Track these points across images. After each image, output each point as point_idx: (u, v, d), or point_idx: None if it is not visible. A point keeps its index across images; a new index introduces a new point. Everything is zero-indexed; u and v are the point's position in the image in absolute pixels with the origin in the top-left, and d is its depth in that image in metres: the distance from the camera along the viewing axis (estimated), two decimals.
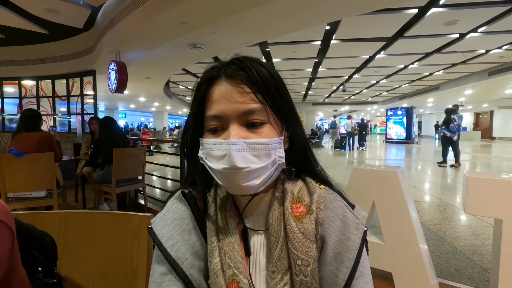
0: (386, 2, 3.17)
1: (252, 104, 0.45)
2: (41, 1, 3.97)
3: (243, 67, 0.46)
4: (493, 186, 1.33)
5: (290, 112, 0.49)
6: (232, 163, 0.42)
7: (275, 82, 0.47)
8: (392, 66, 8.54)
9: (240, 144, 0.43)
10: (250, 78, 0.45)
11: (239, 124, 0.45)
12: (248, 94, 0.45)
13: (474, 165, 7.63)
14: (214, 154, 0.45)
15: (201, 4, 3.04)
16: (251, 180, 0.44)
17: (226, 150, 0.43)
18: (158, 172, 5.90)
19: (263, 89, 0.45)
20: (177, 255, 0.44)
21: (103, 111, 18.68)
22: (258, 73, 0.46)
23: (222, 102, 0.45)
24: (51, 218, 0.76)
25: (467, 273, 2.00)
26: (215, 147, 0.45)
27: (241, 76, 0.46)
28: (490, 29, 5.26)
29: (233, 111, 0.45)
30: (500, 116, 18.12)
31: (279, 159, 0.46)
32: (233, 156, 0.42)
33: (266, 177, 0.45)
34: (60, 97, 6.58)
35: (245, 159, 0.43)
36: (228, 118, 0.45)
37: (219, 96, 0.46)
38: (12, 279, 0.44)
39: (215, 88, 0.47)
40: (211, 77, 0.48)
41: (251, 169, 0.43)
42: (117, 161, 2.93)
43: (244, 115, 0.45)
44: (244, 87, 0.45)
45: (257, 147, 0.44)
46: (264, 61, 0.49)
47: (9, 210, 0.43)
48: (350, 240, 0.45)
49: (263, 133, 0.45)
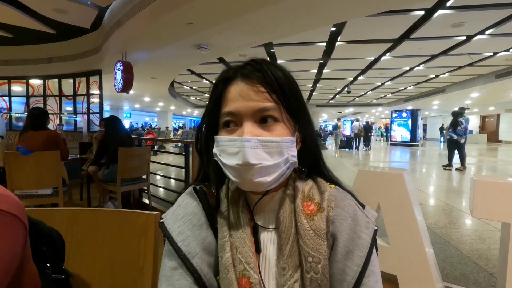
0: (392, 4, 3.14)
1: (267, 103, 0.46)
2: (49, 1, 4.02)
3: (259, 68, 0.48)
4: (501, 189, 1.31)
5: (303, 113, 0.51)
6: (245, 159, 0.43)
7: (290, 84, 0.49)
8: (398, 68, 8.48)
9: (254, 141, 0.44)
10: (265, 78, 0.47)
11: (253, 122, 0.46)
12: (263, 94, 0.46)
13: (480, 168, 7.55)
14: (228, 151, 0.46)
15: (207, 5, 3.05)
16: (263, 176, 0.45)
17: (240, 147, 0.44)
18: (162, 171, 5.93)
19: (277, 90, 0.47)
20: (187, 249, 0.45)
21: (108, 111, 18.82)
22: (273, 74, 0.47)
23: (238, 100, 0.47)
24: (59, 215, 0.77)
25: (473, 277, 1.98)
26: (229, 144, 0.46)
27: (256, 77, 0.47)
28: (497, 31, 5.20)
29: (248, 109, 0.46)
30: (507, 119, 17.92)
31: (291, 157, 0.47)
32: (246, 153, 0.43)
33: (278, 175, 0.46)
34: (67, 96, 6.66)
35: (258, 156, 0.44)
36: (242, 116, 0.46)
37: (235, 94, 0.47)
38: (23, 273, 0.45)
39: (231, 88, 0.49)
40: (227, 77, 0.50)
41: (263, 165, 0.44)
42: (122, 160, 2.95)
43: (258, 112, 0.46)
44: (259, 87, 0.47)
45: (270, 145, 0.45)
46: (280, 65, 0.51)
47: (23, 206, 0.43)
48: (360, 239, 0.45)
49: (276, 131, 0.47)
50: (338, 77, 9.99)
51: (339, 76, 9.81)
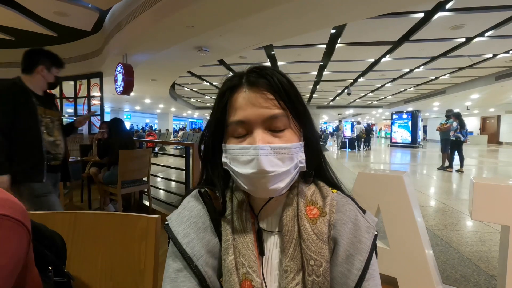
0: (392, 6, 3.16)
1: (276, 110, 0.47)
2: (50, 4, 4.04)
3: (264, 75, 0.48)
4: (500, 192, 1.32)
5: (307, 118, 0.51)
6: (260, 167, 0.44)
7: (294, 90, 0.50)
8: (398, 70, 8.49)
9: (267, 148, 0.44)
10: (272, 85, 0.47)
11: (263, 129, 0.47)
12: (271, 100, 0.47)
13: (481, 170, 7.54)
14: (240, 159, 0.46)
15: (208, 8, 3.07)
16: (277, 183, 0.45)
17: (254, 155, 0.44)
18: (162, 173, 5.93)
19: (284, 96, 0.47)
20: (192, 252, 0.45)
21: (109, 113, 18.84)
22: (279, 81, 0.48)
23: (247, 108, 0.47)
24: (60, 218, 0.78)
25: (473, 279, 1.98)
26: (241, 152, 0.46)
27: (262, 84, 0.48)
28: (497, 33, 5.20)
29: (258, 116, 0.46)
30: (508, 120, 17.90)
31: (300, 162, 0.48)
32: (261, 161, 0.44)
33: (290, 180, 0.47)
34: (68, 98, 6.67)
35: (272, 163, 0.44)
36: (253, 123, 0.47)
37: (244, 102, 0.47)
38: (26, 278, 0.46)
39: (238, 96, 0.49)
40: (233, 85, 0.50)
41: (277, 173, 0.45)
42: (123, 162, 2.96)
43: (268, 120, 0.47)
44: (267, 94, 0.47)
45: (281, 151, 0.45)
46: (281, 71, 0.52)
47: (26, 210, 0.44)
48: (361, 243, 0.46)
49: (285, 137, 0.47)
50: (338, 79, 10.00)
51: (339, 78, 9.82)
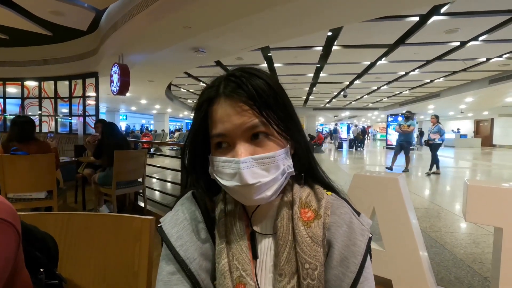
0: (387, 10, 3.19)
1: (254, 120, 0.45)
2: (46, 3, 4.01)
3: (239, 83, 0.46)
4: (494, 194, 1.33)
5: (291, 121, 0.49)
6: (243, 181, 0.43)
7: (274, 93, 0.47)
8: (393, 73, 8.56)
9: (248, 161, 0.44)
10: (248, 95, 0.45)
11: (244, 141, 0.45)
12: (248, 111, 0.45)
13: (474, 172, 7.62)
14: (224, 172, 0.46)
15: (205, 9, 3.06)
16: (263, 192, 0.45)
17: (236, 169, 0.44)
18: (158, 174, 5.89)
19: (261, 104, 0.45)
20: (186, 255, 0.45)
21: (104, 113, 18.70)
22: (255, 88, 0.45)
23: (225, 121, 0.45)
24: (52, 220, 0.77)
25: (467, 281, 1.99)
26: (225, 165, 0.46)
27: (239, 95, 0.45)
28: (491, 37, 5.28)
29: (237, 128, 0.45)
30: (501, 124, 18.13)
31: (287, 168, 0.47)
32: (243, 174, 0.43)
33: (277, 187, 0.46)
34: (62, 98, 6.61)
35: (255, 175, 0.44)
36: (233, 136, 0.45)
37: (222, 115, 0.46)
38: (16, 280, 0.45)
39: (216, 108, 0.47)
40: (210, 97, 0.48)
41: (262, 183, 0.44)
42: (118, 163, 2.93)
43: (248, 130, 0.45)
44: (243, 106, 0.45)
45: (265, 162, 0.45)
46: (261, 71, 0.49)
47: (16, 212, 0.43)
48: (355, 246, 0.46)
49: (268, 146, 0.46)
50: (334, 81, 10.04)
51: (335, 80, 9.87)
